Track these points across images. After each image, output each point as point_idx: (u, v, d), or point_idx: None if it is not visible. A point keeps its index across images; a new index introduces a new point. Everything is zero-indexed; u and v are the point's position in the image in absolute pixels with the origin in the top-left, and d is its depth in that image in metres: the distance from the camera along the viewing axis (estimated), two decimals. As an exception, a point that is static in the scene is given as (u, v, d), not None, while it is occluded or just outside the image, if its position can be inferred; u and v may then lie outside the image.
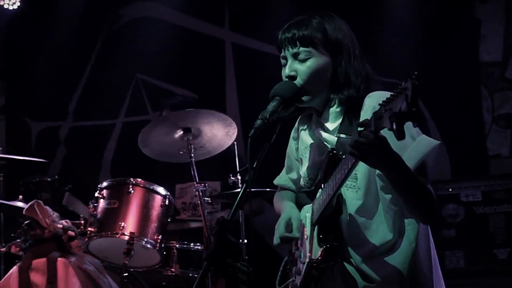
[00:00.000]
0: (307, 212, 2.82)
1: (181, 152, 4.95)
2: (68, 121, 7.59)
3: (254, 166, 2.51)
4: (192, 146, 4.90)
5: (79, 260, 4.38)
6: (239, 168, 5.33)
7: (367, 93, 2.73)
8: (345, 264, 2.65)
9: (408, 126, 2.08)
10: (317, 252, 2.62)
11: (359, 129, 2.29)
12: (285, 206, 2.99)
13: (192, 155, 4.88)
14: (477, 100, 6.67)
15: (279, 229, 2.85)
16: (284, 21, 2.83)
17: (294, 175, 3.08)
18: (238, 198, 2.50)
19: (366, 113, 2.65)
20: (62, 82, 7.47)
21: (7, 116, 7.67)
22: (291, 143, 3.07)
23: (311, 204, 2.79)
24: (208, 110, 4.97)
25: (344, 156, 2.56)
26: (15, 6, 7.25)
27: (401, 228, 2.64)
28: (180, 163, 5.20)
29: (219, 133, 5.06)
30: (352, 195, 2.66)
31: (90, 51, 7.57)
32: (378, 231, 2.64)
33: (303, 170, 2.90)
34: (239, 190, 5.21)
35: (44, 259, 4.30)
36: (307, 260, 2.69)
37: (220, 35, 7.36)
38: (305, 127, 2.92)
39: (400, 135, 2.06)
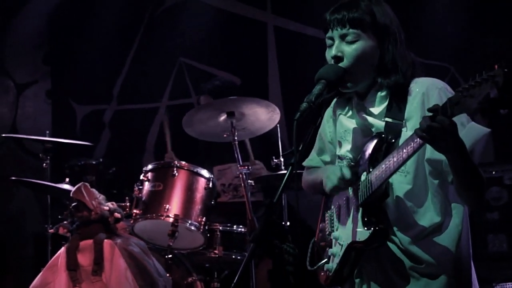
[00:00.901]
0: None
1: (224, 135, 4.98)
2: (112, 105, 7.66)
3: (300, 149, 2.53)
4: (235, 129, 4.93)
5: (124, 242, 4.43)
6: (282, 150, 5.34)
7: (412, 79, 2.75)
8: (391, 246, 2.66)
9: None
10: (364, 234, 2.62)
11: (429, 114, 2.30)
12: (325, 167, 2.97)
13: (236, 138, 4.90)
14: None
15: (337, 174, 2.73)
16: (327, 4, 2.83)
17: (327, 158, 3.06)
18: (284, 181, 2.51)
19: (414, 99, 2.69)
20: (107, 66, 7.53)
21: (53, 100, 7.76)
22: (325, 125, 3.03)
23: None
24: (251, 98, 4.99)
25: (393, 141, 2.62)
26: (60, -9, 7.35)
27: (447, 212, 2.68)
28: (218, 145, 5.24)
29: (262, 117, 5.07)
30: (401, 179, 2.68)
31: (134, 35, 7.61)
32: (426, 215, 2.66)
33: (342, 152, 2.89)
34: (281, 172, 5.25)
35: (91, 241, 4.36)
36: (349, 241, 2.70)
37: (262, 18, 7.35)
38: (345, 110, 2.90)
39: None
